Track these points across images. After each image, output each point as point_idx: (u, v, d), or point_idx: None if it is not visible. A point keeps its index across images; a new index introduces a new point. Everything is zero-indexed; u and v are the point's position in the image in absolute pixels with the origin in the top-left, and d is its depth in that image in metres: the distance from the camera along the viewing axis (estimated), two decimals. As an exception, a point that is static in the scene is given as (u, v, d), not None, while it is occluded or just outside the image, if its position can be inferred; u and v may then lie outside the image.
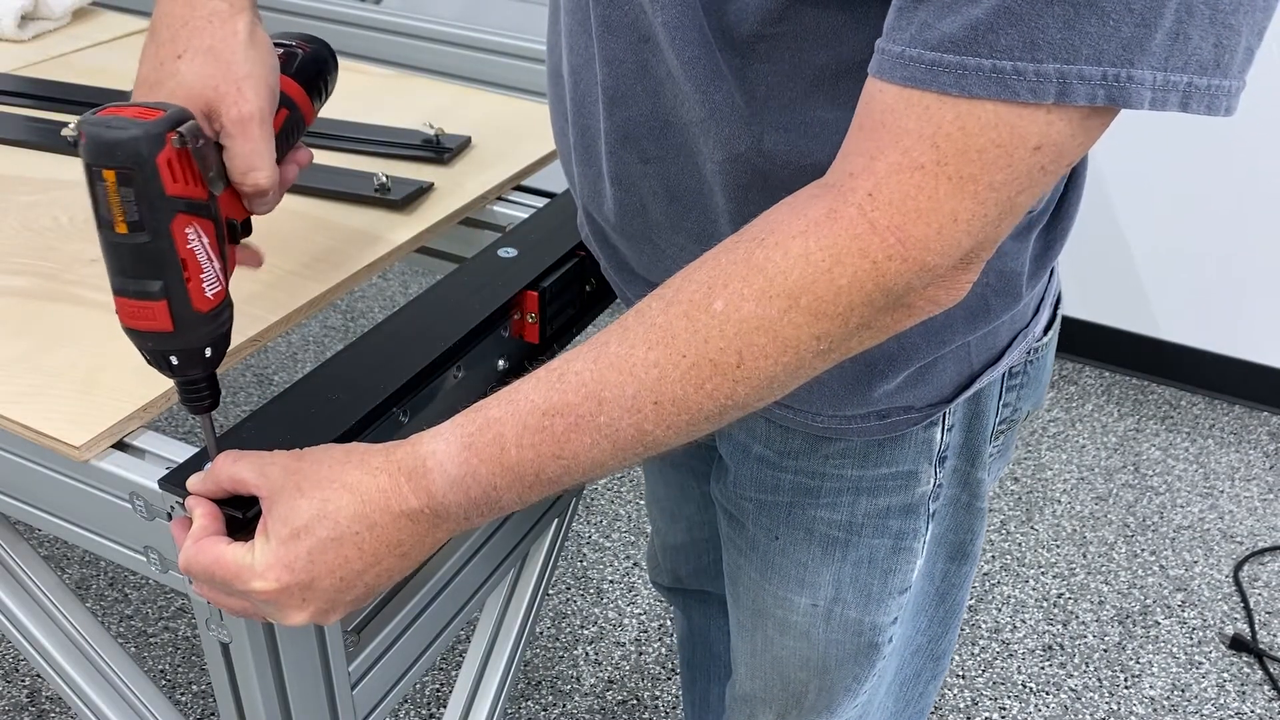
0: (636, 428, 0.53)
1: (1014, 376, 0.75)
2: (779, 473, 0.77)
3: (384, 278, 2.72)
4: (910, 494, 0.75)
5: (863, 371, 0.68)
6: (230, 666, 0.71)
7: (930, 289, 0.51)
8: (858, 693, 0.85)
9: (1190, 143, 2.13)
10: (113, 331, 0.79)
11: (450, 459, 0.55)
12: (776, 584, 0.81)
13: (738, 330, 0.51)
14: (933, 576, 0.83)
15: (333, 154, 1.08)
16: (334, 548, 0.55)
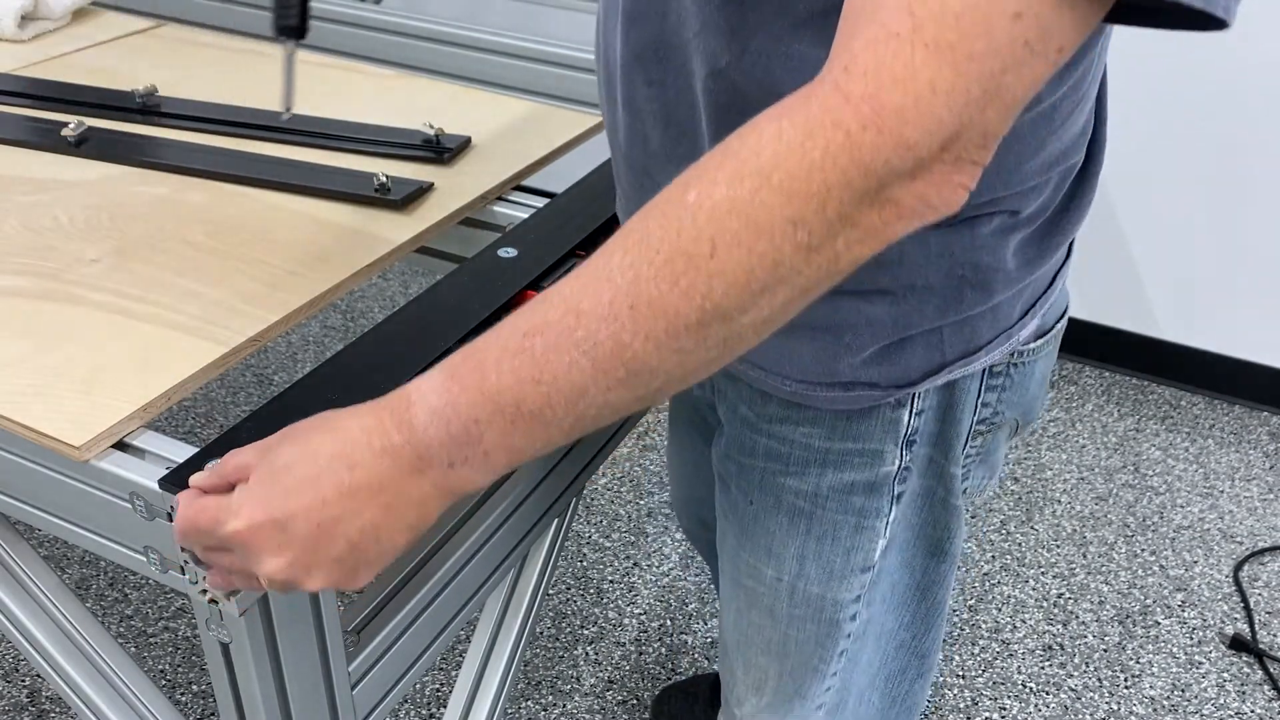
0: (614, 339, 0.49)
1: (995, 376, 0.74)
2: (756, 435, 0.77)
3: (384, 278, 2.72)
4: (874, 472, 0.75)
5: (831, 342, 0.68)
6: (230, 666, 0.71)
7: (917, 182, 0.46)
8: (825, 674, 0.85)
9: (1190, 142, 2.13)
10: (113, 331, 0.79)
11: (432, 389, 0.52)
12: (749, 552, 0.83)
13: (709, 216, 0.47)
14: (913, 570, 0.83)
15: (333, 154, 1.08)
16: (311, 487, 0.52)
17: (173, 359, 0.76)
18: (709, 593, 1.84)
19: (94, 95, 1.18)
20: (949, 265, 0.66)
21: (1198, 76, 2.05)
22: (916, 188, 0.47)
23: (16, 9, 1.31)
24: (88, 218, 0.95)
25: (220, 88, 1.22)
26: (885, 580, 0.83)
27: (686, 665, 1.71)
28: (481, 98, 1.23)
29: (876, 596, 0.83)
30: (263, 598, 0.68)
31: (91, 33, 1.37)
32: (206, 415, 2.22)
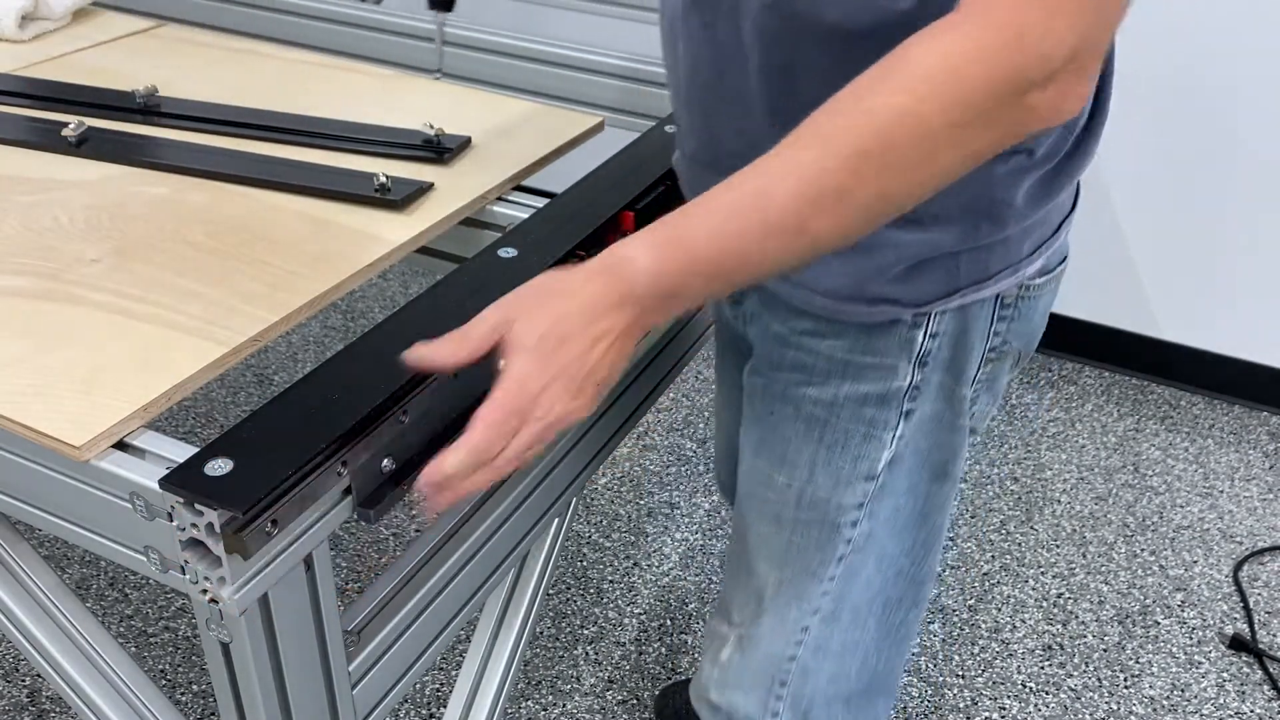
0: (799, 219, 0.61)
1: (1005, 308, 0.83)
2: (785, 349, 0.87)
3: (384, 278, 2.72)
4: (887, 385, 0.83)
5: (863, 263, 0.78)
6: (230, 666, 0.71)
7: (1049, 91, 0.59)
8: (823, 578, 0.91)
9: (1190, 142, 2.13)
10: (113, 331, 0.79)
11: (648, 260, 0.64)
12: (764, 460, 0.91)
13: (885, 120, 0.59)
14: (916, 495, 0.89)
15: (333, 154, 1.08)
16: (574, 343, 0.64)
17: (173, 359, 0.76)
18: (709, 593, 1.84)
19: (94, 95, 1.18)
20: (969, 199, 0.75)
21: (1197, 77, 2.05)
22: (1049, 95, 0.59)
23: (17, 9, 1.31)
24: (88, 218, 0.95)
25: (220, 88, 1.22)
26: (890, 501, 0.89)
27: (687, 665, 1.71)
28: (481, 98, 1.23)
29: (880, 513, 0.89)
30: (262, 597, 0.68)
31: (92, 33, 1.37)
32: (207, 415, 2.22)
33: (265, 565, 0.66)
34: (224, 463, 0.64)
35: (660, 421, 2.25)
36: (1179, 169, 2.16)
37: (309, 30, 1.55)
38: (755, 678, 0.95)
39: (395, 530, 1.96)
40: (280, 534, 0.66)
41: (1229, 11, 1.98)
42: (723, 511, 2.01)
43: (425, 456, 0.75)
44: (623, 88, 1.36)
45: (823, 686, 0.94)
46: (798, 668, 0.94)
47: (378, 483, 0.73)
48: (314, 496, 0.67)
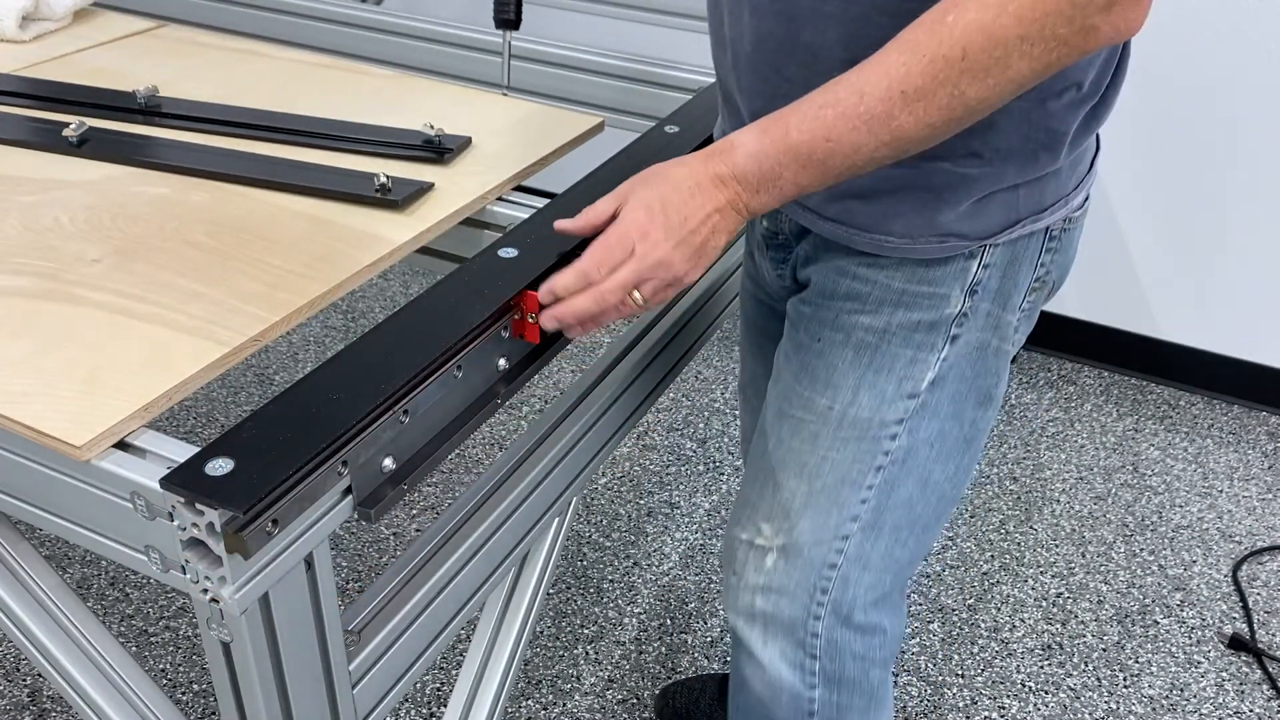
0: (888, 113, 0.71)
1: (1051, 239, 0.89)
2: (841, 278, 0.91)
3: (384, 278, 2.72)
4: (939, 312, 0.89)
5: (934, 199, 0.84)
6: (231, 666, 0.71)
7: (1110, 12, 0.67)
8: (861, 485, 0.95)
9: (1190, 142, 2.13)
10: (113, 331, 0.80)
11: (750, 139, 0.76)
12: (806, 385, 0.95)
13: (963, 31, 0.68)
14: (961, 421, 0.95)
15: (333, 154, 1.08)
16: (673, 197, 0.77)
17: (173, 359, 0.77)
18: (709, 592, 1.84)
19: (95, 95, 1.18)
20: (1028, 131, 0.82)
21: (1197, 76, 2.05)
22: (1110, 16, 0.67)
23: (18, 9, 1.31)
24: (89, 218, 0.96)
25: (221, 88, 1.22)
26: (934, 424, 0.94)
27: (686, 664, 1.71)
28: (481, 98, 1.23)
29: (919, 429, 0.94)
30: (263, 597, 0.68)
31: (92, 33, 1.37)
32: (207, 415, 2.22)
33: (266, 565, 0.67)
34: (225, 462, 0.64)
35: (660, 421, 2.25)
36: (1178, 169, 2.17)
37: (309, 30, 1.55)
38: (799, 585, 0.99)
39: (395, 530, 1.97)
40: (281, 533, 0.66)
41: (1228, 10, 1.98)
42: (722, 511, 2.01)
43: (425, 456, 0.75)
44: (623, 88, 1.37)
45: (862, 594, 1.00)
46: (839, 576, 0.98)
47: (378, 483, 0.73)
48: (314, 496, 0.68)
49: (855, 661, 1.04)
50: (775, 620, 1.02)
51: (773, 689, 1.05)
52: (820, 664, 1.03)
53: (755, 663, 1.05)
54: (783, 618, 1.01)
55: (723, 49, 0.92)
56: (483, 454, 2.15)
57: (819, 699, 1.05)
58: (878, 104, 0.71)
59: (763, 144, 0.75)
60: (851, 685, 1.05)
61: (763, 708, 1.07)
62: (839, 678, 1.04)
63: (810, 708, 1.05)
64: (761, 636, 1.03)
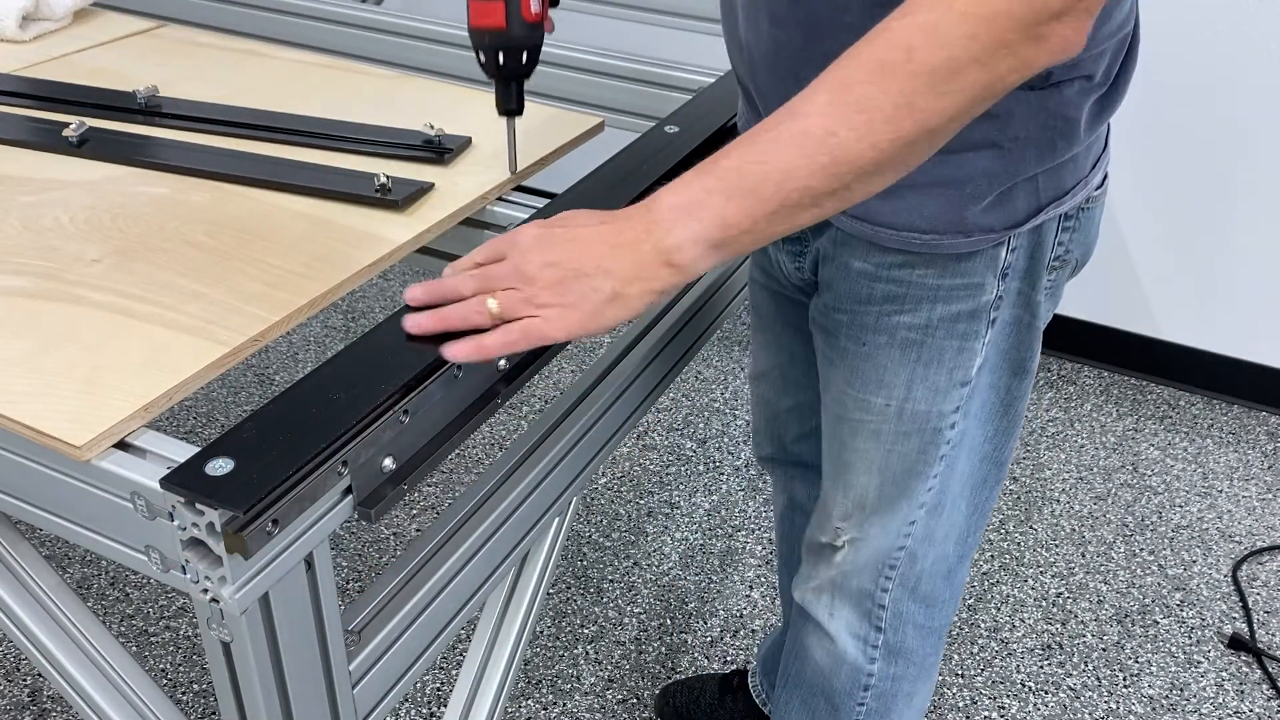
0: (824, 129, 0.64)
1: (1069, 220, 0.90)
2: (874, 283, 0.91)
3: (384, 278, 2.72)
4: (977, 301, 0.90)
5: (956, 195, 0.84)
6: (231, 665, 0.71)
7: (1060, 24, 0.62)
8: (927, 475, 0.99)
9: (1190, 142, 2.13)
10: (113, 331, 0.80)
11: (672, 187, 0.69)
12: (858, 388, 0.97)
13: (907, 32, 0.62)
14: (998, 389, 0.97)
15: (333, 154, 1.08)
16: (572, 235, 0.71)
17: (174, 359, 0.77)
18: (709, 592, 1.84)
19: (95, 95, 1.18)
20: (1044, 119, 0.82)
21: (1197, 77, 2.05)
22: (1060, 28, 0.62)
23: (18, 9, 1.31)
24: (89, 218, 0.96)
25: (221, 88, 1.22)
26: (978, 397, 0.96)
27: (686, 664, 1.71)
28: (481, 98, 1.23)
29: (971, 410, 0.97)
30: (263, 597, 0.68)
31: (93, 33, 1.37)
32: (208, 415, 2.22)
33: (266, 565, 0.67)
34: (225, 462, 0.65)
35: (660, 421, 2.25)
36: (1178, 169, 2.17)
37: (309, 30, 1.55)
38: (868, 565, 1.05)
39: (395, 530, 1.97)
40: (281, 533, 0.66)
41: (1228, 10, 1.98)
42: (723, 511, 2.02)
43: (425, 456, 0.75)
44: (623, 88, 1.37)
45: (928, 567, 1.05)
46: (906, 555, 1.04)
47: (378, 482, 0.73)
48: (314, 496, 0.68)
49: (917, 631, 1.09)
50: (844, 594, 1.08)
51: (835, 660, 1.11)
52: (884, 636, 1.09)
53: (821, 634, 1.11)
54: (851, 591, 1.07)
55: (740, 51, 0.91)
56: (483, 454, 2.15)
57: (878, 672, 1.11)
58: (813, 120, 0.64)
59: (688, 176, 0.68)
60: (909, 656, 1.11)
61: (821, 678, 1.13)
62: (899, 649, 1.10)
63: (868, 681, 1.11)
64: (829, 609, 1.09)
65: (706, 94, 1.20)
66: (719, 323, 1.24)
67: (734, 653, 1.74)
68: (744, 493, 2.06)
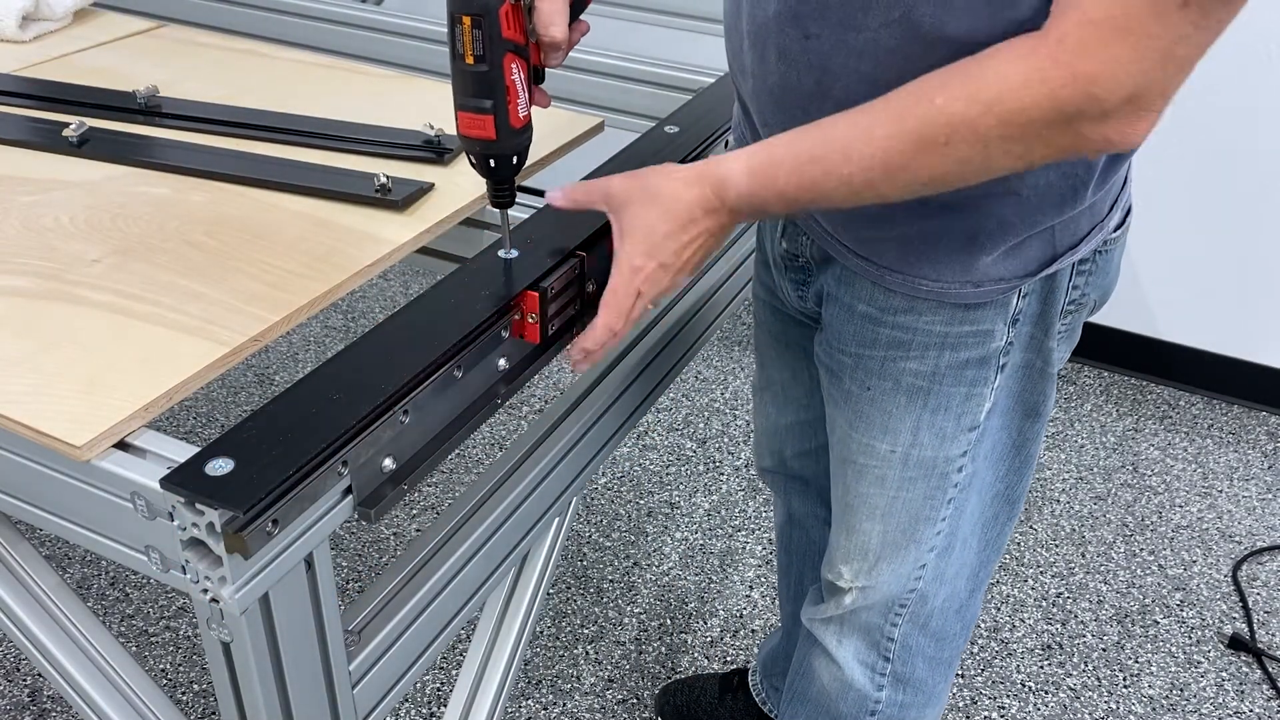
0: (867, 179, 0.73)
1: (1084, 264, 0.89)
2: (878, 328, 0.91)
3: (384, 278, 2.72)
4: (986, 348, 0.90)
5: (968, 244, 0.84)
6: (231, 666, 0.71)
7: (1103, 125, 0.66)
8: (935, 520, 0.98)
9: (1189, 143, 2.13)
10: (114, 331, 0.80)
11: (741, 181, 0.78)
12: (862, 432, 0.96)
13: (948, 120, 0.69)
14: (1010, 431, 0.97)
15: (333, 154, 1.08)
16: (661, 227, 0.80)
17: (174, 359, 0.77)
18: (709, 592, 1.85)
19: (95, 96, 1.18)
20: (1065, 166, 0.81)
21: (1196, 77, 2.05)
22: (1101, 129, 0.67)
23: (18, 10, 1.31)
24: (89, 218, 0.96)
25: (221, 88, 1.22)
26: (989, 440, 0.96)
27: (686, 664, 1.71)
28: (481, 98, 1.23)
29: (980, 453, 0.96)
30: (263, 597, 0.68)
31: (93, 33, 1.37)
32: (208, 415, 2.22)
33: (266, 565, 0.67)
34: (225, 462, 0.65)
35: (660, 421, 2.25)
36: (1177, 169, 2.17)
37: (309, 31, 1.55)
38: (878, 604, 1.05)
39: (395, 530, 1.97)
40: (281, 533, 0.66)
41: (1228, 12, 1.98)
42: (722, 511, 2.02)
43: (425, 456, 0.75)
44: (623, 88, 1.37)
45: (939, 605, 1.05)
46: (917, 596, 1.04)
47: (378, 483, 0.73)
48: (314, 496, 0.68)
49: (927, 664, 1.08)
50: (853, 626, 1.07)
51: (842, 685, 1.11)
52: (892, 666, 1.08)
53: (829, 660, 1.11)
54: (860, 625, 1.07)
55: (743, 75, 0.91)
56: (483, 454, 2.16)
57: (884, 699, 1.10)
58: (861, 169, 0.73)
59: (752, 187, 0.78)
60: (917, 686, 1.10)
61: (826, 700, 1.13)
62: (908, 679, 1.09)
63: (874, 708, 1.10)
64: (837, 637, 1.09)
65: (706, 94, 1.20)
66: (719, 323, 1.24)
67: (734, 653, 1.74)
68: (744, 493, 2.06)
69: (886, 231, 0.85)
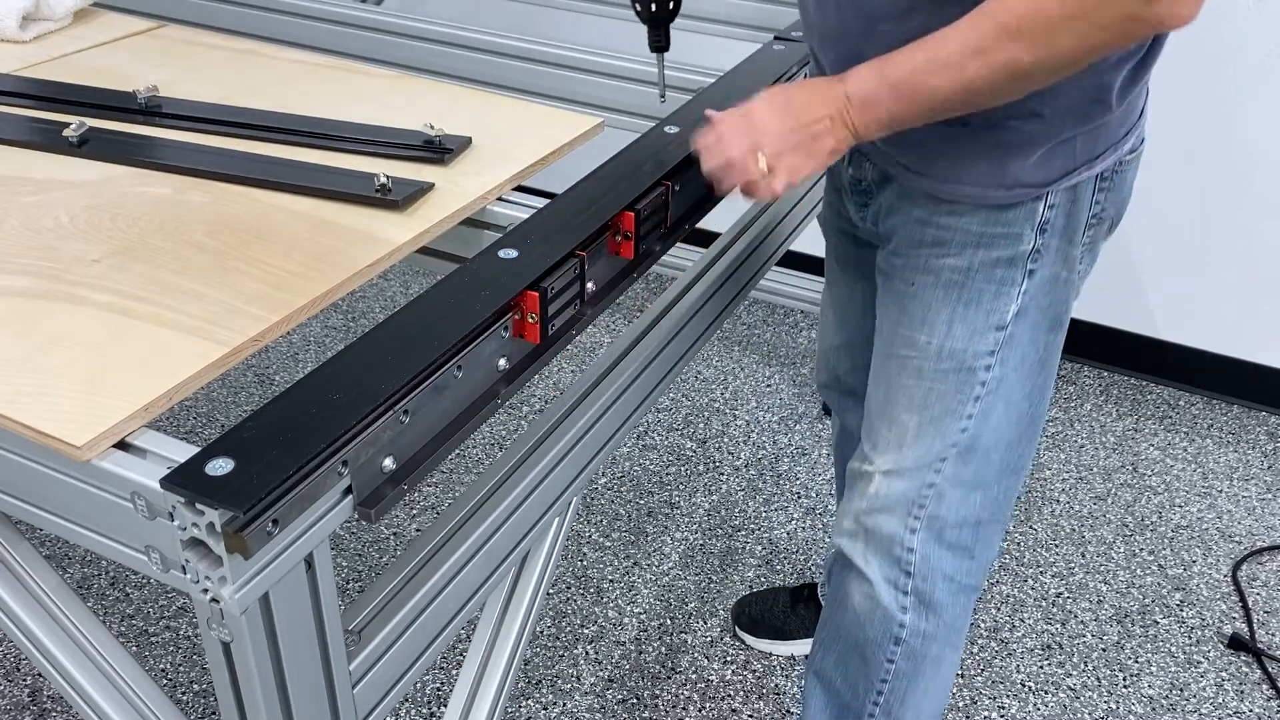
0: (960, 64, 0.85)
1: (1104, 180, 1.02)
2: (925, 229, 1.04)
3: (384, 278, 2.72)
4: (1015, 250, 1.02)
5: (1003, 154, 0.97)
6: (231, 666, 0.71)
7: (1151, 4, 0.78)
8: (961, 415, 1.08)
9: (1189, 142, 2.13)
10: (113, 331, 0.80)
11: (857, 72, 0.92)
12: (905, 326, 1.08)
13: (1018, 14, 0.81)
14: (1036, 344, 1.07)
15: (333, 154, 1.08)
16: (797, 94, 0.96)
17: (174, 359, 0.77)
18: (709, 591, 1.85)
19: (95, 96, 1.18)
20: (1084, 88, 0.94)
21: (1196, 77, 2.05)
22: (1154, 7, 0.79)
23: (18, 10, 1.31)
24: (89, 218, 0.96)
25: (221, 88, 1.22)
26: (1017, 350, 1.06)
27: (687, 664, 1.72)
28: (481, 98, 1.24)
29: (1010, 360, 1.06)
30: (263, 597, 0.68)
31: (93, 33, 1.37)
32: (208, 415, 2.22)
33: (266, 565, 0.67)
34: (225, 462, 0.65)
35: (660, 421, 2.25)
36: (1177, 168, 2.17)
37: (309, 31, 1.55)
38: (898, 502, 1.12)
39: (395, 530, 1.97)
40: (281, 533, 0.66)
41: (1229, 10, 1.98)
42: (723, 511, 2.02)
43: (425, 456, 0.75)
44: (623, 88, 1.37)
45: (954, 510, 1.12)
46: (934, 493, 1.11)
47: (378, 482, 0.73)
48: (314, 496, 0.68)
49: (945, 582, 1.16)
50: (875, 535, 1.15)
51: (871, 602, 1.18)
52: (914, 583, 1.15)
53: (860, 577, 1.18)
54: (882, 533, 1.14)
55: (810, 30, 1.06)
56: (483, 454, 2.16)
57: (909, 624, 1.17)
58: (954, 55, 0.85)
59: (867, 76, 0.91)
60: (938, 610, 1.17)
61: (857, 625, 1.20)
62: (929, 600, 1.16)
63: (899, 633, 1.18)
64: (864, 553, 1.16)
65: (706, 94, 1.20)
66: (719, 323, 1.24)
67: (734, 652, 1.74)
68: (744, 493, 2.06)
69: (937, 149, 0.99)
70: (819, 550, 1.93)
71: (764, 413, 2.28)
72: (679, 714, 1.63)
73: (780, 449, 2.18)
